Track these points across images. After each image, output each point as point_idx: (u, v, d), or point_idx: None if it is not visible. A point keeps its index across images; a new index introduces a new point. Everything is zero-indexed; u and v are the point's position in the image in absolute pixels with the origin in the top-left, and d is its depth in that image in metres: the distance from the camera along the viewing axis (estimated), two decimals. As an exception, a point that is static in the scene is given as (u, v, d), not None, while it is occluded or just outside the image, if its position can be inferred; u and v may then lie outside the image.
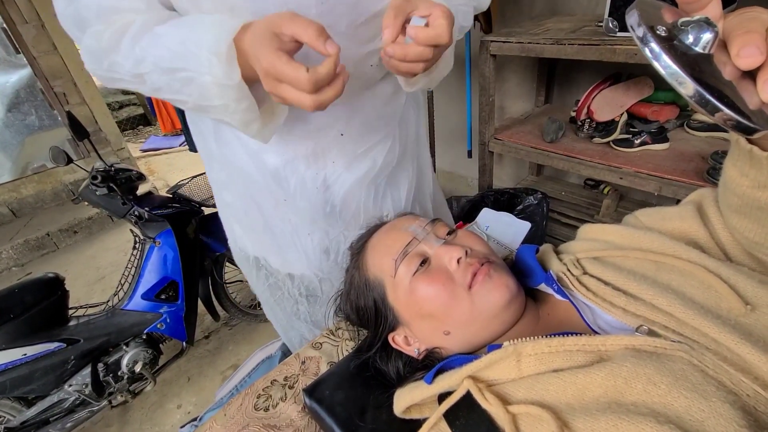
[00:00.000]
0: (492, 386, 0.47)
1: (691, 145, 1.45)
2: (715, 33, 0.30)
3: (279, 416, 0.66)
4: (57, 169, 2.96)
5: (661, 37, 0.30)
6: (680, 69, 0.29)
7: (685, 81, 0.29)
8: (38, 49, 2.70)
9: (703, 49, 0.30)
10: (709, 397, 0.35)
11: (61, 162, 1.48)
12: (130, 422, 1.69)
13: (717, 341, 0.40)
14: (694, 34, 0.30)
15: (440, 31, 0.48)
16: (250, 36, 0.46)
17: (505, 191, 1.81)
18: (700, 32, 0.30)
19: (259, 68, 0.46)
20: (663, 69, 0.29)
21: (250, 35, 0.46)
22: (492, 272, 0.54)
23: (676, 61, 0.29)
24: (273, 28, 0.44)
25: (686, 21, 0.31)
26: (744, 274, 0.44)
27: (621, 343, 0.42)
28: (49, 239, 2.82)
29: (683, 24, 0.31)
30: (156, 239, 1.52)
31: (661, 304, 0.45)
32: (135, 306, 1.52)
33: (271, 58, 0.43)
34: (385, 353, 0.64)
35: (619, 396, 0.38)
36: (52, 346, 1.39)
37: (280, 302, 0.95)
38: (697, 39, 0.30)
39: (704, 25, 0.30)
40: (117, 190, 1.44)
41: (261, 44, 0.44)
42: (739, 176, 0.41)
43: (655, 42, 0.29)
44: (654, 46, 0.29)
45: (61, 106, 2.86)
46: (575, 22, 1.55)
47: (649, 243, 0.53)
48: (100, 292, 2.41)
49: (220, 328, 2.07)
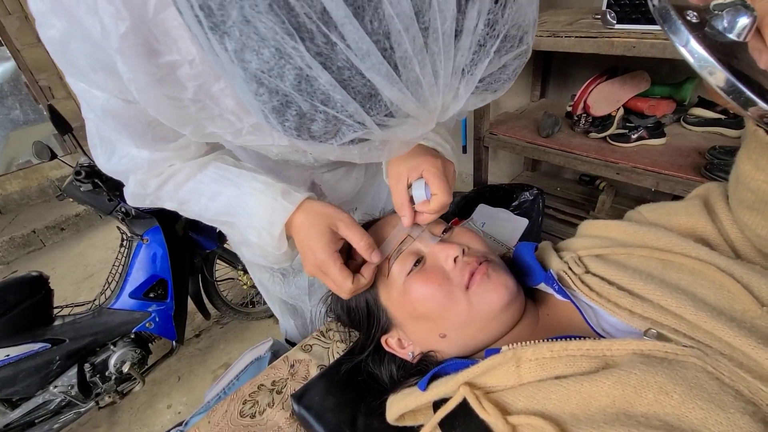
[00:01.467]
0: (490, 394, 0.44)
1: (688, 140, 1.44)
2: (753, 18, 0.27)
3: (266, 423, 0.63)
4: (43, 164, 2.90)
5: (691, 23, 0.27)
6: (711, 57, 0.26)
7: (715, 70, 0.26)
8: (22, 41, 2.63)
9: (737, 36, 0.27)
10: (727, 408, 0.32)
11: (44, 157, 1.44)
12: (118, 423, 1.66)
13: (732, 346, 0.37)
14: (729, 18, 0.27)
15: (442, 200, 0.50)
16: (306, 223, 0.53)
17: (501, 187, 1.79)
18: (736, 16, 0.27)
19: (312, 258, 0.52)
20: (691, 57, 0.27)
21: (306, 223, 0.53)
22: (490, 272, 0.51)
23: (706, 48, 0.26)
24: (330, 225, 0.51)
25: (720, 4, 0.28)
26: (757, 273, 0.42)
27: (628, 347, 0.40)
28: (35, 236, 2.76)
29: (716, 7, 0.28)
30: (144, 236, 1.49)
31: (670, 305, 0.42)
32: (122, 305, 1.49)
33: (326, 258, 0.50)
34: (377, 356, 0.61)
35: (628, 406, 0.35)
36: (37, 347, 1.35)
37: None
38: (731, 24, 0.27)
39: (740, 9, 0.27)
40: (102, 186, 1.40)
41: (318, 238, 0.51)
42: (754, 170, 0.38)
43: (684, 26, 0.26)
44: (681, 30, 0.27)
45: (46, 100, 2.79)
46: (572, 14, 1.52)
47: (655, 240, 0.51)
48: (88, 290, 2.36)
49: (211, 327, 2.03)
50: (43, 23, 0.38)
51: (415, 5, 0.23)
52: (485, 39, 0.28)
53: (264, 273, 0.94)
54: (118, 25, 0.34)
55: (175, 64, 0.38)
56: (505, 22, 0.28)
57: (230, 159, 0.61)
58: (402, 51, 0.25)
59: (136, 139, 0.52)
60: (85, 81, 0.43)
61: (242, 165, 0.61)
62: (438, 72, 0.27)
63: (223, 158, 0.61)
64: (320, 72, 0.25)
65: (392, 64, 0.26)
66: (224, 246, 1.75)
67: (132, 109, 0.46)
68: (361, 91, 0.27)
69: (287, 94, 0.27)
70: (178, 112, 0.43)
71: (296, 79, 0.26)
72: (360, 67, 0.25)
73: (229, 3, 0.23)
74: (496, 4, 0.27)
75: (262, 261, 0.60)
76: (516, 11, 0.28)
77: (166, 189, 0.59)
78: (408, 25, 0.24)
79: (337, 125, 0.29)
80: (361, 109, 0.28)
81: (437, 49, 0.26)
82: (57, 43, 0.39)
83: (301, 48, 0.24)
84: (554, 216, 1.87)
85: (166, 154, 0.56)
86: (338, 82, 0.26)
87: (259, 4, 0.23)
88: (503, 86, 0.33)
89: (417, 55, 0.26)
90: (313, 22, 0.23)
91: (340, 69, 0.25)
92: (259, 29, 0.24)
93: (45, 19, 0.38)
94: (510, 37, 0.29)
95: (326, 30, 0.23)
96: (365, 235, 0.51)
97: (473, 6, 0.26)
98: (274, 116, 0.29)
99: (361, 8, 0.23)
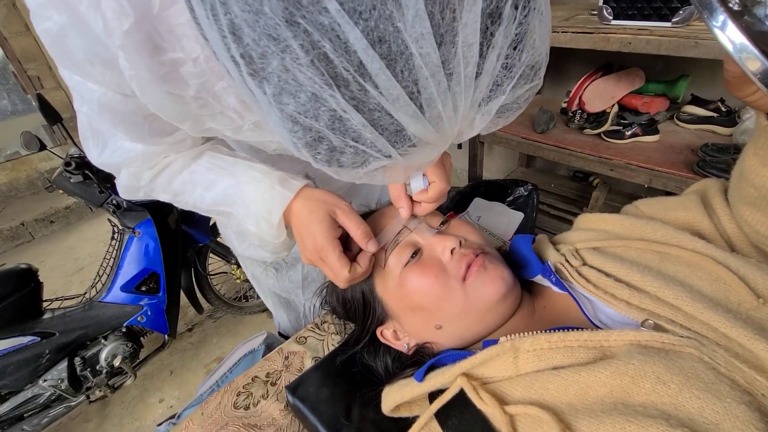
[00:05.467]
0: (487, 384, 0.44)
1: (681, 138, 1.45)
2: None
3: (260, 415, 0.62)
4: (31, 156, 2.85)
5: (733, 11, 0.27)
6: (750, 42, 0.25)
7: (752, 56, 0.25)
8: (10, 29, 2.57)
9: None
10: (723, 397, 0.32)
11: (33, 148, 1.41)
12: (110, 417, 1.64)
13: (728, 336, 0.38)
14: None
15: (440, 187, 0.49)
16: (305, 210, 0.52)
17: (495, 182, 1.79)
18: None
19: (311, 241, 0.51)
20: (728, 41, 0.26)
21: (306, 210, 0.52)
22: (487, 263, 0.51)
23: (745, 33, 0.26)
24: (329, 212, 0.51)
25: None
26: (754, 266, 0.42)
27: (626, 338, 0.40)
28: (24, 229, 2.72)
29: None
30: (135, 229, 1.46)
31: (667, 296, 0.43)
32: (114, 298, 1.47)
33: (326, 244, 0.49)
34: (373, 348, 0.61)
35: (625, 396, 0.35)
36: (25, 340, 1.33)
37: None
38: None
39: None
40: (93, 177, 1.38)
41: (319, 224, 0.50)
42: (761, 166, 0.39)
43: (725, 13, 0.26)
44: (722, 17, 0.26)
45: (35, 90, 2.74)
46: (569, 10, 1.52)
47: (652, 233, 0.51)
48: (79, 283, 2.33)
49: (204, 321, 2.02)
50: (39, 15, 0.37)
51: (442, 55, 0.25)
52: (502, 80, 0.30)
53: (257, 267, 0.94)
54: (122, 22, 0.34)
55: (178, 61, 0.38)
56: (521, 66, 0.30)
57: (224, 149, 0.60)
58: (428, 94, 0.27)
59: (133, 133, 0.50)
60: (81, 74, 0.42)
61: (237, 154, 0.60)
62: (458, 107, 0.30)
63: (218, 148, 0.60)
64: (353, 114, 0.27)
65: (418, 104, 0.28)
66: (217, 240, 1.73)
67: (130, 103, 0.45)
68: (388, 128, 0.29)
69: (320, 131, 0.28)
70: (179, 108, 0.42)
71: (330, 119, 0.27)
72: (389, 109, 0.27)
73: (270, 54, 0.24)
74: (515, 50, 0.29)
75: (259, 252, 0.59)
76: (532, 55, 0.30)
77: (160, 181, 0.57)
78: (434, 72, 0.26)
79: (365, 157, 0.31)
80: (388, 144, 0.30)
81: (459, 90, 0.28)
82: (53, 35, 0.38)
83: (337, 95, 0.26)
84: (548, 212, 1.88)
85: (161, 148, 0.55)
86: (369, 121, 0.28)
87: (300, 57, 0.24)
88: (515, 113, 0.35)
89: (440, 96, 0.28)
90: (350, 73, 0.25)
91: (371, 111, 0.27)
92: (298, 78, 0.25)
93: (41, 11, 0.37)
94: (524, 75, 0.31)
95: (361, 80, 0.25)
96: (363, 223, 0.51)
97: (493, 51, 0.28)
98: (306, 149, 0.31)
99: (393, 60, 0.25)
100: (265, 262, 0.91)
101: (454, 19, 0.25)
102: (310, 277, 0.94)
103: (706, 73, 1.52)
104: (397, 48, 0.24)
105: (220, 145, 0.61)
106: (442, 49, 0.25)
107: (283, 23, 0.23)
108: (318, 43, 0.23)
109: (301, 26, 0.23)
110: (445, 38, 0.25)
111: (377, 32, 0.23)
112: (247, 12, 0.23)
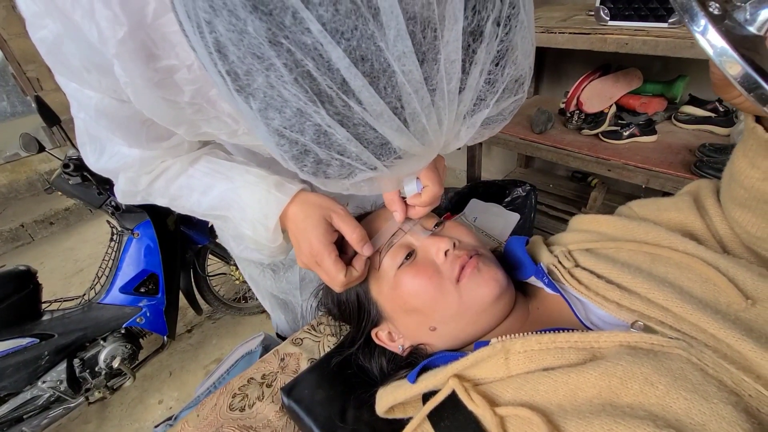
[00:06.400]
0: (479, 386, 0.45)
1: (679, 138, 1.45)
2: None
3: (255, 416, 0.63)
4: (31, 157, 2.85)
5: (713, 14, 0.27)
6: (731, 49, 0.25)
7: (733, 61, 0.26)
8: (9, 31, 2.58)
9: (758, 29, 0.27)
10: (710, 398, 0.33)
11: (32, 150, 1.42)
12: (109, 418, 1.64)
13: (716, 338, 0.38)
14: (752, 10, 0.27)
15: (433, 191, 0.49)
16: (301, 214, 0.52)
17: (494, 183, 1.79)
18: (759, 8, 0.27)
19: (307, 246, 0.51)
20: (709, 45, 0.26)
21: (302, 214, 0.52)
22: (481, 265, 0.51)
23: (725, 38, 0.26)
24: (325, 216, 0.51)
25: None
26: (743, 267, 0.42)
27: (615, 339, 0.40)
28: (23, 231, 2.72)
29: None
30: (134, 231, 1.47)
31: (657, 298, 0.43)
32: (113, 300, 1.47)
33: (321, 248, 0.49)
34: (367, 349, 0.61)
35: (614, 397, 0.36)
36: (24, 342, 1.33)
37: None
38: (753, 16, 0.27)
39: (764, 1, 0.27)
40: (92, 179, 1.38)
41: (314, 228, 0.50)
42: (749, 168, 0.39)
43: (705, 17, 0.26)
44: (702, 21, 0.26)
45: (34, 92, 2.74)
46: (566, 11, 1.52)
47: (643, 234, 0.51)
48: (78, 285, 2.34)
49: (203, 322, 2.02)
50: (34, 24, 0.37)
51: (425, 71, 0.26)
52: (485, 94, 0.31)
53: (254, 268, 0.94)
54: (116, 30, 0.34)
55: (172, 68, 0.38)
56: (503, 80, 0.30)
57: (221, 153, 0.61)
58: (411, 109, 0.27)
59: (130, 138, 0.51)
60: (77, 81, 0.43)
61: (234, 158, 0.60)
62: (442, 121, 0.30)
63: (215, 152, 0.60)
64: (338, 129, 0.27)
65: (402, 119, 0.28)
66: (216, 241, 1.73)
67: (127, 109, 0.45)
68: (373, 142, 0.29)
69: (306, 145, 0.29)
70: (174, 113, 0.43)
71: (315, 134, 0.28)
72: (373, 124, 0.27)
73: (255, 71, 0.25)
74: (497, 66, 0.29)
75: (256, 255, 0.59)
76: (515, 69, 0.31)
77: (157, 185, 0.58)
78: (417, 88, 0.26)
79: (351, 169, 0.31)
80: (373, 156, 0.30)
81: (443, 104, 0.29)
82: (49, 43, 0.38)
83: (322, 111, 0.26)
84: (546, 212, 1.88)
85: (158, 153, 0.55)
86: (353, 136, 0.28)
87: (284, 75, 0.24)
88: (500, 125, 0.36)
89: (424, 111, 0.28)
90: (333, 91, 0.25)
91: (356, 125, 0.27)
92: (283, 94, 0.26)
93: (37, 20, 0.37)
94: (508, 89, 0.32)
95: (345, 97, 0.26)
96: (358, 227, 0.51)
97: (476, 67, 0.28)
98: (293, 162, 0.31)
99: (376, 78, 0.25)
100: (263, 263, 0.91)
101: (436, 38, 0.25)
102: (307, 278, 0.94)
103: (704, 74, 1.51)
104: (379, 66, 0.24)
105: (218, 149, 0.62)
106: (424, 66, 0.25)
107: (267, 43, 0.23)
108: (301, 62, 0.24)
109: (284, 46, 0.23)
110: (427, 56, 0.25)
111: (359, 51, 0.24)
112: (232, 31, 0.23)
